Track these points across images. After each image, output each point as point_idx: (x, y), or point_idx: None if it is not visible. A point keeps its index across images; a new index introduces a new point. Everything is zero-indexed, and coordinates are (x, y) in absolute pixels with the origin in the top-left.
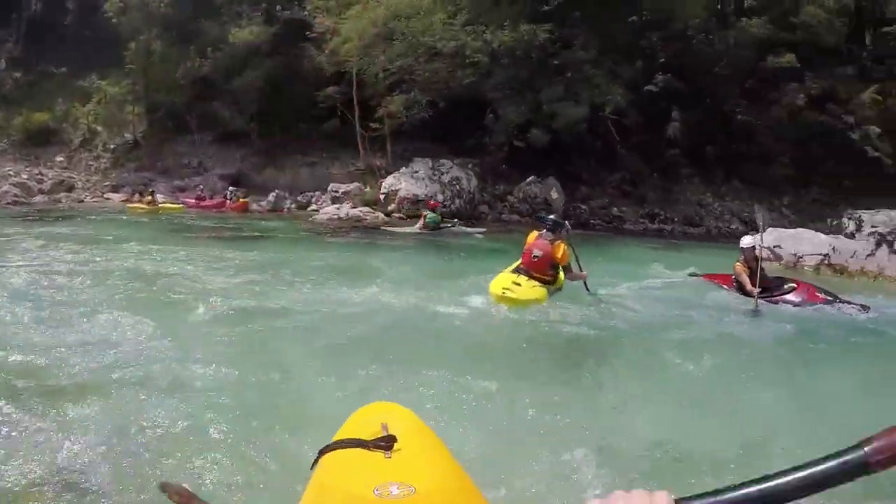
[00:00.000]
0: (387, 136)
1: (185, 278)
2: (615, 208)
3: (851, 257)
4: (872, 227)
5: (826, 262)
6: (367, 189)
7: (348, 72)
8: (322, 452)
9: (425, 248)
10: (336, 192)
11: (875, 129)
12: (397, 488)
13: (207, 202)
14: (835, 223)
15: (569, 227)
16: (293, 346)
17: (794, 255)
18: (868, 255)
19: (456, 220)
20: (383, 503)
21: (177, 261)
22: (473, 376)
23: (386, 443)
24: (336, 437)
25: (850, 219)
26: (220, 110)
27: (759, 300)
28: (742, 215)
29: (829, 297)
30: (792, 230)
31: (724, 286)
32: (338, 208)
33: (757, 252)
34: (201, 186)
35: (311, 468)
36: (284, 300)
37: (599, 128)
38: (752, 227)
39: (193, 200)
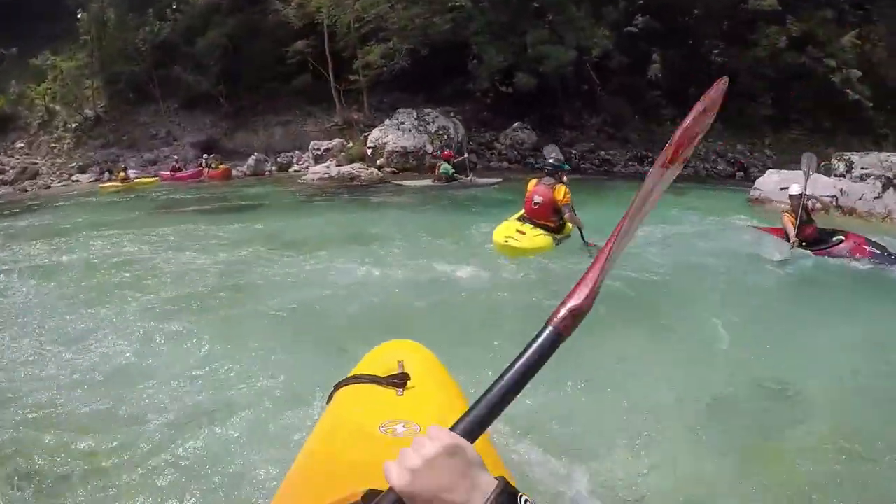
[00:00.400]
0: (363, 88)
1: (166, 262)
2: (602, 151)
3: (859, 199)
4: (862, 168)
5: (834, 203)
6: (351, 145)
7: (319, 24)
8: (337, 387)
9: (434, 204)
10: (318, 150)
11: (856, 73)
12: (403, 426)
13: (184, 173)
14: (823, 164)
15: (568, 168)
16: (287, 329)
17: (802, 196)
18: (875, 198)
19: (472, 174)
20: (386, 440)
21: (157, 243)
22: (481, 341)
23: (399, 380)
24: (353, 372)
25: (839, 160)
26: (184, 75)
27: (807, 252)
28: (727, 156)
29: (878, 251)
30: (793, 172)
31: (777, 237)
32: (327, 167)
33: (804, 200)
34: (175, 157)
35: (327, 402)
36: (280, 277)
37: (583, 71)
38: (739, 168)
39: (169, 173)
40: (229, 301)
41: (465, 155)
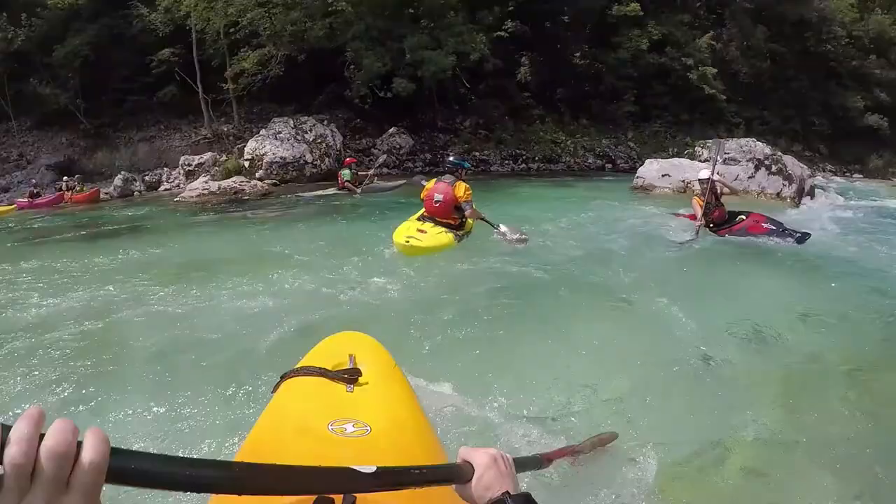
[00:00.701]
0: (232, 99)
1: (27, 304)
2: (477, 153)
3: (735, 180)
4: (724, 153)
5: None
6: (225, 158)
7: (187, 30)
8: (284, 377)
9: (333, 214)
10: (189, 165)
11: (711, 70)
12: (353, 426)
13: (42, 199)
14: (686, 152)
15: (468, 166)
16: (179, 370)
17: (683, 181)
18: (749, 178)
19: (374, 176)
20: (335, 440)
21: (17, 283)
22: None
23: (350, 375)
24: (302, 363)
25: (702, 147)
26: (40, 88)
27: (712, 233)
28: (595, 150)
29: (774, 227)
30: (673, 160)
31: (690, 220)
32: (206, 182)
33: (712, 185)
34: (33, 181)
35: (272, 392)
36: (167, 310)
37: (457, 75)
38: (608, 161)
39: (26, 200)
40: (105, 344)
41: (372, 171)
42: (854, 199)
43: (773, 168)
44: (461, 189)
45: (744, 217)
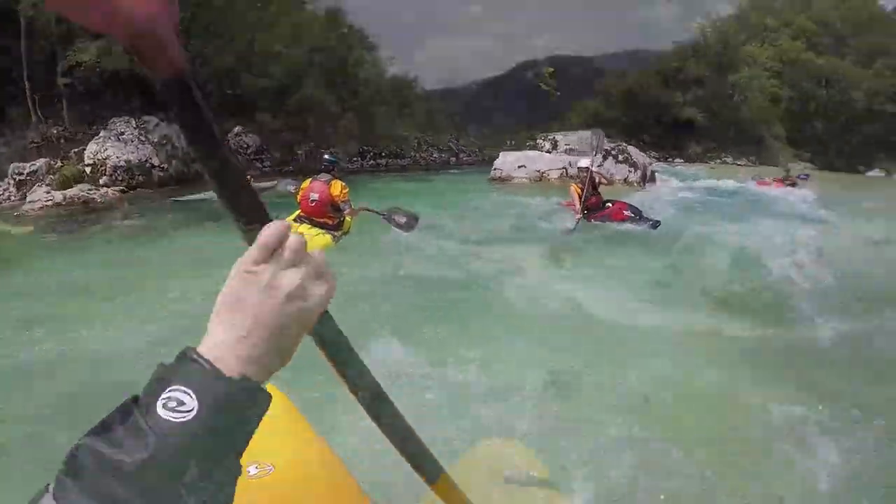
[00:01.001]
0: (63, 97)
1: None
2: (323, 150)
3: None
4: (566, 144)
5: (566, 174)
6: (62, 164)
7: (14, 18)
8: None
9: (207, 220)
10: (20, 174)
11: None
12: (255, 468)
13: None
14: (528, 143)
15: (342, 164)
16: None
17: (538, 171)
18: (598, 166)
19: (251, 179)
20: (240, 484)
21: None
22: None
23: None
24: None
25: (545, 140)
26: None
27: (582, 220)
28: (439, 146)
29: (633, 214)
30: (525, 153)
31: (570, 209)
32: (48, 193)
33: (590, 175)
34: None
35: None
36: (23, 356)
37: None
38: (452, 155)
39: None
40: None
41: (250, 176)
42: (686, 181)
43: (620, 157)
44: (338, 188)
45: (610, 205)
